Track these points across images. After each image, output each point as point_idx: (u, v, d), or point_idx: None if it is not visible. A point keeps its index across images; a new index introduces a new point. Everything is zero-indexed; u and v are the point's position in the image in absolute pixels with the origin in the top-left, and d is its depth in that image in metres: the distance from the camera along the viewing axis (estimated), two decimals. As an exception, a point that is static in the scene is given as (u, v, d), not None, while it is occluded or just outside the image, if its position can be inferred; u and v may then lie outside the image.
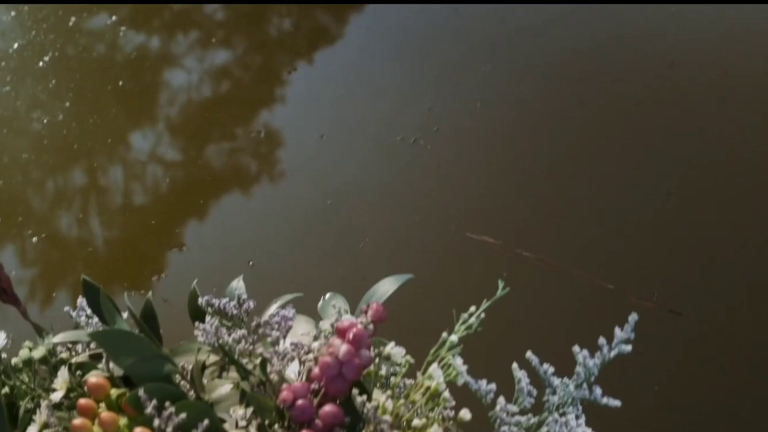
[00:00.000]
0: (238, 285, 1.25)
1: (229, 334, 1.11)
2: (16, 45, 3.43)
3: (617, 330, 1.02)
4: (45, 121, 3.19)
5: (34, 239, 2.86)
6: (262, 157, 3.25)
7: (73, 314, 1.23)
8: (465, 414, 1.09)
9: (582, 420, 1.05)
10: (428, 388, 1.08)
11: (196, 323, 1.13)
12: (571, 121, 3.17)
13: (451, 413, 1.09)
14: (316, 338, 1.14)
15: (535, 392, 1.05)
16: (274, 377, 1.06)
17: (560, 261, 2.66)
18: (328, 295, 1.24)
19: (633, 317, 1.00)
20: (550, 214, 2.92)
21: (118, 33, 3.49)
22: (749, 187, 3.00)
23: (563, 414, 1.04)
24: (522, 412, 1.03)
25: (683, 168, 3.05)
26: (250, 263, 2.69)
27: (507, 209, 2.92)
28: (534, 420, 1.03)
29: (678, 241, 2.84)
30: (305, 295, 1.27)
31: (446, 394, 1.08)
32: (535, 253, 2.62)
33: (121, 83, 3.35)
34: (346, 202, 3.00)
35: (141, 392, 0.96)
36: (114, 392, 1.01)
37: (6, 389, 1.14)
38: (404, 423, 1.05)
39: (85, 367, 1.15)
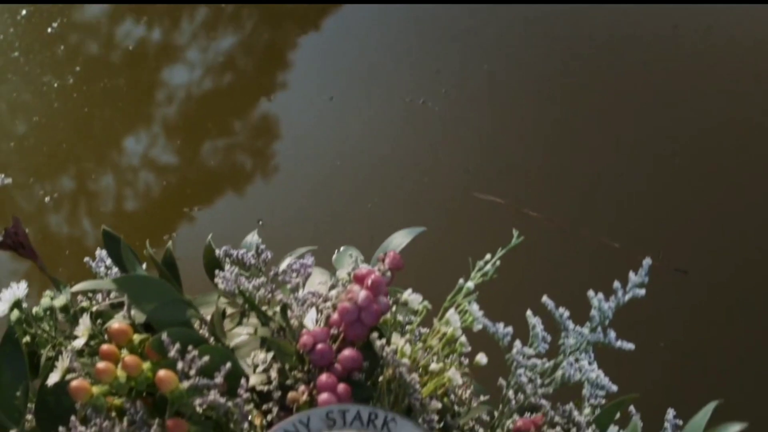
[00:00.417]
0: (252, 239, 1.25)
1: (249, 282, 1.12)
2: (24, 12, 3.43)
3: (631, 274, 1.03)
4: (55, 85, 3.19)
5: (47, 199, 2.86)
6: (272, 119, 3.25)
7: (93, 265, 1.24)
8: (481, 358, 1.10)
9: (594, 365, 1.06)
10: (444, 334, 1.09)
11: (216, 271, 1.14)
12: (578, 83, 3.17)
13: (466, 361, 1.11)
14: (333, 287, 1.14)
15: (549, 338, 1.06)
16: (294, 323, 1.06)
17: (567, 220, 2.67)
18: (342, 248, 1.25)
19: (647, 261, 1.01)
20: (557, 175, 2.93)
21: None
22: (754, 148, 3.01)
23: (577, 360, 1.05)
24: (537, 357, 1.04)
25: (689, 129, 3.05)
26: (260, 222, 2.70)
27: (514, 170, 2.92)
28: (549, 364, 1.04)
29: (683, 201, 2.85)
30: (315, 253, 1.28)
31: (463, 339, 1.09)
32: (542, 213, 2.63)
33: (131, 47, 3.35)
34: (354, 163, 3.00)
35: (164, 336, 0.97)
36: (136, 338, 1.01)
37: (27, 338, 1.15)
38: (421, 368, 1.06)
39: (105, 316, 1.16)
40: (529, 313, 1.06)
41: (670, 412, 1.05)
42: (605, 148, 3.02)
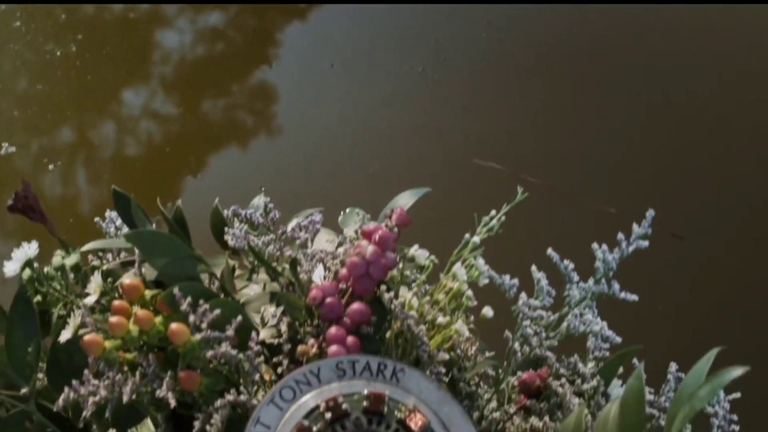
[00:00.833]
0: (259, 201, 1.26)
1: (258, 239, 1.13)
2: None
3: (635, 226, 1.04)
4: (58, 53, 3.19)
5: (51, 167, 2.87)
6: (273, 86, 3.25)
7: (103, 225, 1.24)
8: (488, 311, 1.11)
9: (598, 319, 1.07)
10: (451, 289, 1.10)
11: (226, 228, 1.14)
12: (577, 49, 3.17)
13: (472, 317, 1.11)
14: (340, 244, 1.15)
15: (553, 292, 1.06)
16: (303, 277, 1.07)
17: (565, 186, 2.68)
18: (348, 209, 1.26)
19: (650, 213, 1.02)
20: (555, 141, 2.94)
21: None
22: (748, 114, 3.01)
23: (581, 315, 1.06)
24: (542, 309, 1.05)
25: (684, 96, 3.06)
26: (262, 189, 2.70)
27: (512, 137, 2.93)
28: (554, 317, 1.05)
29: (680, 167, 2.86)
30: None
31: (469, 292, 1.09)
32: (540, 179, 2.63)
33: (132, 15, 3.34)
34: (355, 129, 3.01)
35: (176, 290, 0.97)
36: (148, 293, 1.02)
37: (38, 298, 1.15)
38: (428, 322, 1.07)
39: (115, 275, 1.16)
40: (533, 267, 1.07)
41: (673, 366, 1.06)
42: (603, 115, 3.02)
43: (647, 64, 3.15)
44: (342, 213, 1.26)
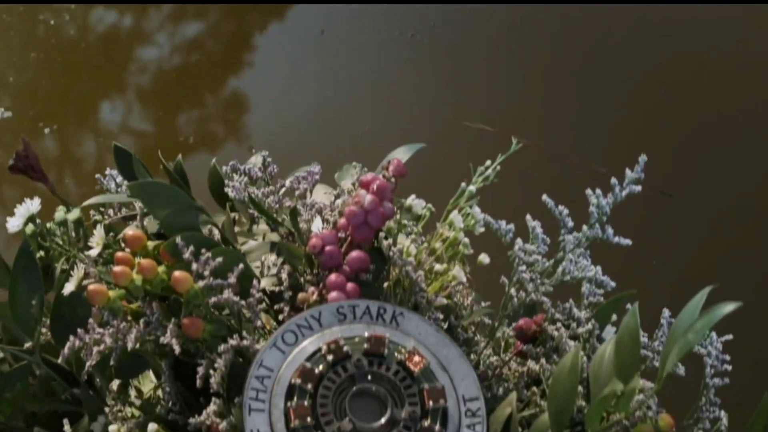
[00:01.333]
0: (257, 159, 1.26)
1: (258, 190, 1.14)
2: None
3: (627, 171, 1.05)
4: (52, 22, 3.18)
5: (46, 130, 2.87)
6: (264, 49, 3.25)
7: (103, 181, 1.25)
8: (484, 258, 1.12)
9: (592, 266, 1.08)
10: (447, 238, 1.11)
11: (226, 181, 1.15)
12: (566, 12, 3.17)
13: (468, 268, 1.12)
14: (338, 196, 1.16)
15: (548, 240, 1.07)
16: (303, 227, 1.08)
17: (555, 147, 2.69)
18: (345, 165, 1.26)
19: (642, 158, 1.03)
20: (545, 102, 2.94)
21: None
22: (738, 74, 3.02)
23: (575, 263, 1.07)
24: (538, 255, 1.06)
25: (674, 58, 3.06)
26: (252, 150, 2.71)
27: (502, 98, 2.93)
28: (549, 263, 1.05)
29: (668, 126, 2.87)
30: (314, 176, 1.28)
31: (465, 240, 1.10)
32: (530, 140, 2.64)
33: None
34: (345, 92, 3.01)
35: (178, 239, 0.98)
36: (150, 244, 1.03)
37: (41, 253, 1.16)
38: (426, 269, 1.08)
39: (117, 230, 1.17)
40: (528, 216, 1.07)
41: (666, 311, 1.07)
42: (592, 76, 3.03)
43: (638, 25, 3.15)
44: (339, 170, 1.27)
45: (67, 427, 1.01)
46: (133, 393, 1.12)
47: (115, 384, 1.12)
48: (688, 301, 0.94)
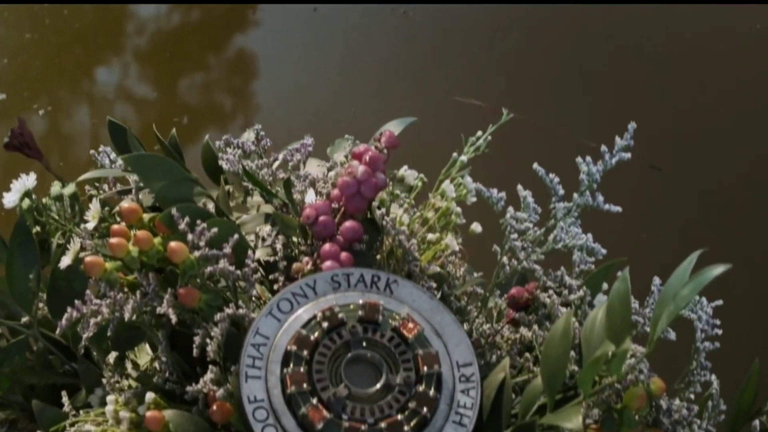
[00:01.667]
0: (250, 134, 1.26)
1: (252, 162, 1.14)
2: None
3: (617, 138, 1.05)
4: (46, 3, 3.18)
5: (41, 112, 2.87)
6: (256, 25, 3.25)
7: (98, 157, 1.25)
8: (476, 227, 1.12)
9: (583, 234, 1.09)
10: (439, 208, 1.11)
11: (219, 154, 1.15)
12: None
13: (460, 239, 1.13)
14: (331, 168, 1.16)
15: (539, 209, 1.08)
16: (296, 197, 1.08)
17: (545, 121, 2.69)
18: (337, 140, 1.26)
19: (632, 125, 1.03)
20: (535, 77, 2.94)
21: None
22: (727, 50, 3.03)
23: (567, 230, 1.07)
24: (529, 222, 1.07)
25: (661, 31, 3.06)
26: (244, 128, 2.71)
27: (493, 74, 2.94)
28: (540, 231, 1.06)
29: (657, 101, 2.87)
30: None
31: (457, 209, 1.11)
32: (521, 114, 2.64)
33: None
34: (337, 70, 3.01)
35: (174, 210, 0.98)
36: (146, 216, 1.03)
37: (37, 228, 1.16)
38: (419, 239, 1.08)
39: (112, 205, 1.17)
40: (519, 186, 1.08)
41: (656, 279, 1.08)
42: (583, 51, 3.03)
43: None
44: (331, 145, 1.27)
45: (65, 399, 1.02)
46: (129, 366, 1.12)
47: (111, 357, 1.12)
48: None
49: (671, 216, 2.59)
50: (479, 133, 1.15)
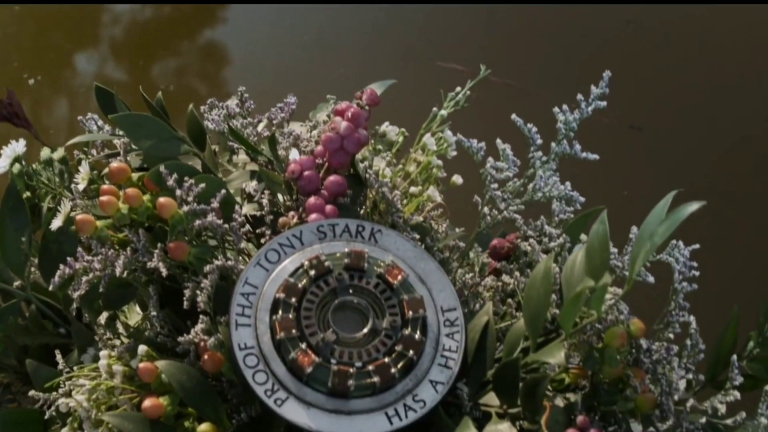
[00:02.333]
0: (233, 101, 1.27)
1: (237, 121, 1.15)
2: None
3: (593, 87, 1.06)
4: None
5: (31, 81, 2.87)
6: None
7: (85, 123, 1.25)
8: (457, 179, 1.14)
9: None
10: (420, 162, 1.12)
11: (205, 114, 1.16)
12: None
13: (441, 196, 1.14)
14: (314, 127, 1.17)
15: (518, 162, 1.09)
16: (281, 153, 1.09)
17: (526, 84, 2.70)
18: (320, 104, 1.27)
19: (607, 74, 1.04)
20: (515, 41, 2.95)
21: None
22: (704, 9, 3.03)
23: (546, 180, 1.08)
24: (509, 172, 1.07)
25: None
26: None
27: (474, 39, 2.94)
28: (520, 182, 1.07)
29: (636, 62, 2.88)
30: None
31: (438, 162, 1.12)
32: (502, 78, 2.65)
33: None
34: (322, 38, 3.02)
35: (162, 167, 0.99)
36: (135, 175, 1.04)
37: (27, 194, 1.17)
38: (401, 192, 1.10)
39: (99, 169, 1.18)
40: (498, 140, 1.08)
41: (633, 228, 1.09)
42: (562, 15, 3.03)
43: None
44: (313, 110, 1.27)
45: (59, 357, 1.03)
46: (120, 327, 1.13)
47: (103, 318, 1.13)
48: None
49: (651, 174, 2.61)
50: (458, 88, 1.16)
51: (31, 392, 1.01)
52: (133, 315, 1.17)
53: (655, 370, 0.92)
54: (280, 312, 0.90)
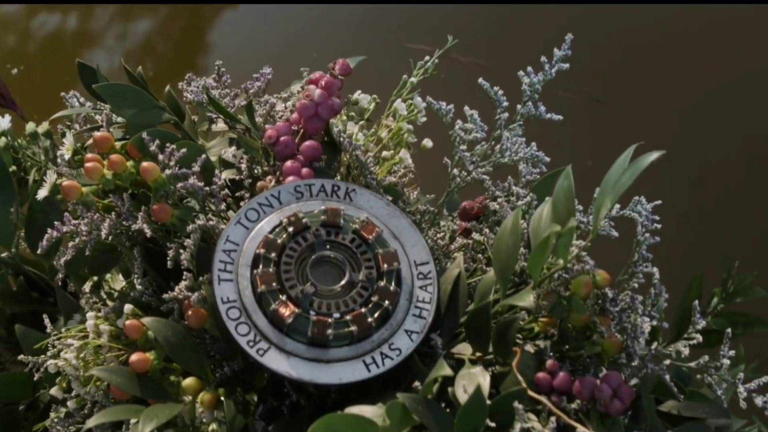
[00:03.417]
0: (210, 78, 1.27)
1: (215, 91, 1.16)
2: None
3: (555, 50, 1.08)
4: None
5: (14, 71, 2.87)
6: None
7: (68, 99, 1.26)
8: (427, 142, 1.15)
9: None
10: (392, 129, 1.14)
11: (184, 86, 1.17)
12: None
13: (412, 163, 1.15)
14: (288, 98, 1.19)
15: (486, 127, 1.10)
16: (258, 120, 1.11)
17: (493, 63, 2.71)
18: (293, 81, 1.28)
19: (569, 37, 1.06)
20: (482, 23, 2.97)
21: None
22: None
23: (513, 141, 1.10)
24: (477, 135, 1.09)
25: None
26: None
27: (442, 21, 2.96)
28: (487, 145, 1.09)
29: (600, 38, 2.90)
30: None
31: (409, 127, 1.14)
32: (469, 57, 2.67)
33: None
34: (291, 20, 3.03)
35: (144, 134, 1.01)
36: (118, 144, 1.05)
37: (14, 167, 1.18)
38: (374, 156, 1.11)
39: (83, 143, 1.19)
40: (465, 107, 1.10)
41: (597, 189, 1.10)
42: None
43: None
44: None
45: (47, 321, 1.04)
46: (105, 296, 1.14)
47: (88, 286, 1.14)
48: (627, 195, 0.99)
49: (614, 145, 2.63)
50: (427, 57, 1.18)
51: (21, 356, 1.02)
52: (117, 283, 1.18)
53: (621, 319, 0.93)
54: (260, 267, 0.92)
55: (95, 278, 1.15)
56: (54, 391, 0.99)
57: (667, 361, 1.00)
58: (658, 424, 0.97)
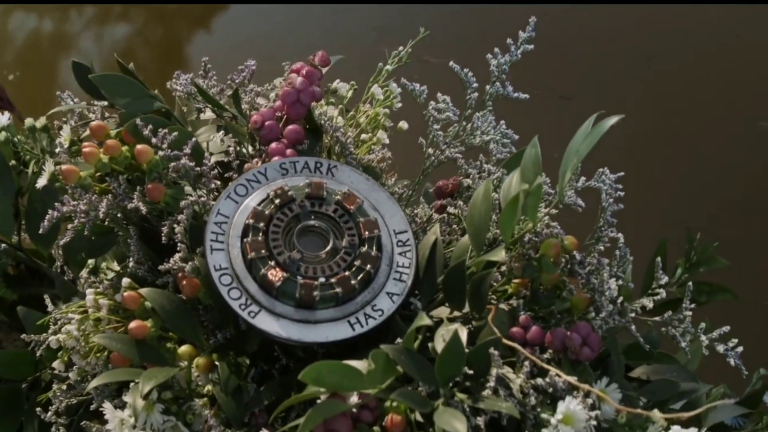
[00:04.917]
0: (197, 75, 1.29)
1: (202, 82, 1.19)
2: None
3: (520, 32, 1.11)
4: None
5: (10, 77, 2.88)
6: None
7: (63, 97, 1.28)
8: (403, 124, 1.18)
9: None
10: (369, 115, 1.17)
11: (173, 80, 1.19)
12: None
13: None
14: (272, 90, 1.21)
15: (458, 111, 1.13)
16: (244, 107, 1.14)
17: (463, 63, 2.74)
18: (276, 80, 1.30)
19: (533, 19, 1.09)
20: (452, 24, 3.00)
21: None
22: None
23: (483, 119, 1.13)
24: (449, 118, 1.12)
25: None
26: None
27: (415, 24, 2.98)
28: (460, 127, 1.12)
29: (567, 36, 2.93)
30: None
31: (385, 110, 1.17)
32: (439, 58, 2.69)
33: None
34: (272, 21, 3.05)
35: (138, 120, 1.03)
36: (113, 132, 1.07)
37: (13, 162, 1.20)
38: (353, 139, 1.14)
39: (78, 137, 1.21)
40: (439, 93, 1.13)
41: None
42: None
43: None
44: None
45: (47, 300, 1.06)
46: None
47: (85, 272, 1.17)
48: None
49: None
50: (401, 47, 1.21)
51: (23, 335, 1.03)
52: (113, 267, 1.20)
53: (589, 280, 0.96)
54: (250, 236, 0.94)
55: (92, 265, 1.17)
56: (56, 364, 1.00)
57: (632, 314, 1.02)
58: (625, 382, 1.00)
